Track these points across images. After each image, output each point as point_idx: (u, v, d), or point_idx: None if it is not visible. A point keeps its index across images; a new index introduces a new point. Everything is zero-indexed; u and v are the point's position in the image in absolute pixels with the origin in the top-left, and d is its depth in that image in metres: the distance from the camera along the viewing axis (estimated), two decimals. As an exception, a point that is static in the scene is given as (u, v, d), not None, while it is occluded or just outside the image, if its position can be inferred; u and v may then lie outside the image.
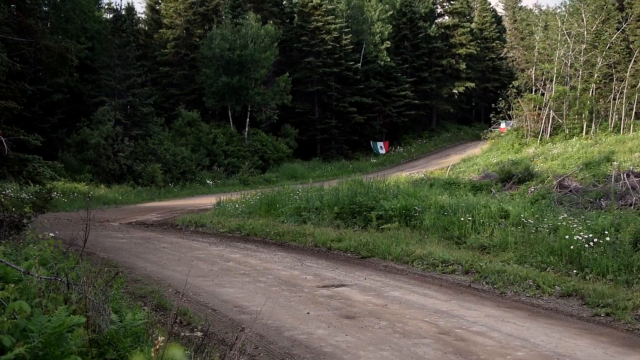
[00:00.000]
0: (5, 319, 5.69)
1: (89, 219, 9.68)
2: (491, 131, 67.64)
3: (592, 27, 58.82)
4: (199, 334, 11.79)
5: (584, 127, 56.08)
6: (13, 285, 6.49)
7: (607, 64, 57.90)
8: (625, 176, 29.25)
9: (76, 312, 6.73)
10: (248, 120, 71.09)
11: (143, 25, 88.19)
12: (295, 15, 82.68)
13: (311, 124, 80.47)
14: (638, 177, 28.81)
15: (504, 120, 67.10)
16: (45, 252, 9.76)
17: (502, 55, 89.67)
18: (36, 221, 17.58)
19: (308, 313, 13.77)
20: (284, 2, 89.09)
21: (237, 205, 33.55)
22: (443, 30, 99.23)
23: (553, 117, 58.00)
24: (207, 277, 17.61)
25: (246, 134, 70.82)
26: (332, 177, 39.59)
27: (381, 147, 78.80)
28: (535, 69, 61.53)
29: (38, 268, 8.35)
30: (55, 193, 17.62)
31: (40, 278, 7.44)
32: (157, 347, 5.66)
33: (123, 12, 71.14)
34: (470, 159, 57.94)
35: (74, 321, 5.93)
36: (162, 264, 20.06)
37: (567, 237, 18.39)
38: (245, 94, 68.81)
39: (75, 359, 5.61)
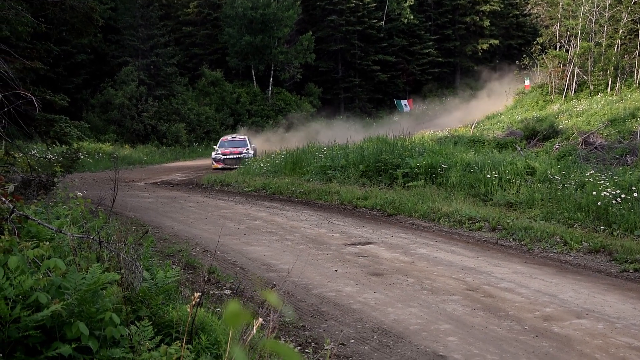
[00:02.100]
0: (41, 276, 5.73)
1: (117, 178, 9.70)
2: (516, 88, 67.37)
3: (617, -18, 58.28)
4: (228, 291, 11.86)
5: (609, 83, 55.55)
6: (48, 243, 6.52)
7: (632, 20, 57.25)
8: (651, 132, 29.11)
9: (109, 270, 6.76)
10: (271, 79, 71.00)
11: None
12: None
13: (335, 82, 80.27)
14: (664, 133, 28.66)
15: (528, 77, 66.61)
16: (75, 211, 9.80)
17: (525, 11, 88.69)
18: (64, 181, 17.64)
19: (336, 271, 13.81)
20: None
21: (262, 165, 33.58)
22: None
23: (577, 74, 57.49)
24: (235, 236, 17.66)
25: (270, 93, 70.76)
26: (357, 135, 39.40)
27: (405, 105, 78.38)
28: (559, 25, 60.93)
29: (70, 227, 8.39)
30: (80, 153, 17.71)
31: (73, 236, 7.47)
32: (194, 302, 5.69)
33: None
34: (495, 116, 57.58)
35: (108, 278, 5.96)
36: (189, 222, 20.14)
37: (594, 193, 18.31)
38: (269, 53, 68.64)
39: (111, 316, 5.64)
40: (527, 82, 65.99)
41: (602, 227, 16.91)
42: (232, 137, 49.05)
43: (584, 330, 10.05)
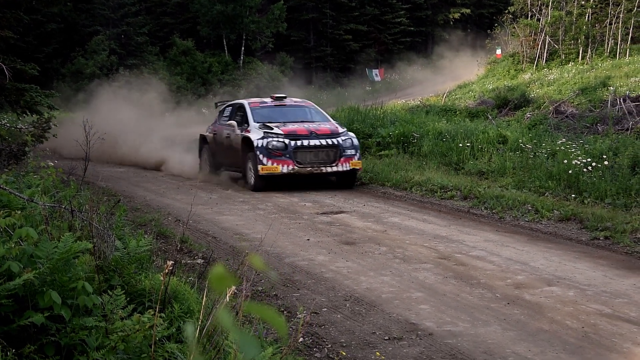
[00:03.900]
0: (13, 245, 5.71)
1: (89, 148, 9.65)
2: (487, 57, 67.37)
3: (588, -50, 58.30)
4: (200, 261, 11.88)
5: (580, 52, 55.64)
6: (19, 212, 6.51)
7: (603, -12, 57.51)
8: (621, 101, 29.12)
9: (81, 239, 6.75)
10: (243, 48, 70.71)
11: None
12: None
13: (306, 51, 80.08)
14: (634, 102, 28.69)
15: (499, 47, 66.65)
16: (46, 180, 9.78)
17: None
18: (35, 151, 17.58)
19: (308, 240, 13.86)
20: None
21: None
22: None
23: (549, 43, 57.51)
24: (207, 205, 17.66)
25: (241, 62, 70.50)
26: (329, 105, 39.29)
27: (376, 74, 78.16)
28: (531, -6, 61.07)
29: (41, 196, 8.37)
30: (52, 123, 17.50)
31: (44, 206, 7.44)
32: (166, 270, 5.69)
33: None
34: (466, 85, 57.53)
35: (81, 247, 5.95)
36: (160, 192, 20.12)
37: (565, 161, 18.43)
38: (240, 22, 68.31)
39: (83, 284, 5.63)
40: (498, 52, 66.02)
41: (573, 196, 17.01)
42: (277, 101, 23.48)
43: (555, 298, 10.13)
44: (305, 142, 20.30)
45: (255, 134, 20.55)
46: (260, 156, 19.81)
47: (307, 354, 8.22)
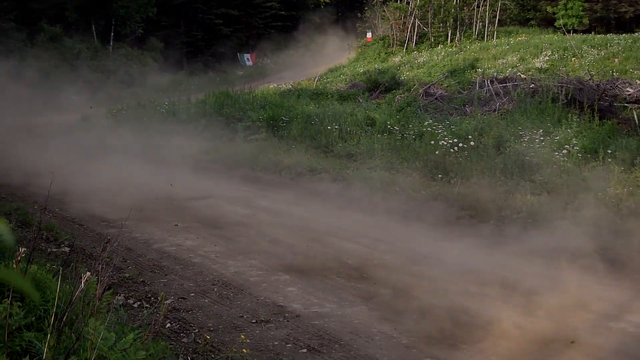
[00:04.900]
0: None
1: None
2: (358, 41, 67.80)
3: None
4: (67, 249, 11.64)
5: (449, 35, 56.51)
6: None
7: (470, -28, 58.42)
8: (489, 82, 29.62)
9: None
10: (112, 34, 69.65)
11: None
12: None
13: (177, 37, 79.24)
14: (501, 84, 29.20)
15: (369, 30, 67.15)
16: None
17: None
18: None
19: (176, 225, 13.75)
20: None
21: (103, 120, 32.90)
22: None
23: (418, 26, 58.25)
24: (72, 192, 17.30)
25: (111, 48, 69.44)
26: (199, 90, 39.07)
27: (248, 59, 78.05)
28: (399, -23, 61.67)
29: None
30: None
31: None
32: (19, 258, 5.54)
33: None
34: (337, 69, 57.85)
35: None
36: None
37: (432, 142, 18.66)
38: (109, 7, 67.28)
39: None
40: (369, 35, 66.59)
41: (440, 176, 17.25)
42: None
43: (421, 276, 10.28)
44: None
45: None
46: None
47: (174, 339, 8.15)
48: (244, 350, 7.41)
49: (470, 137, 18.87)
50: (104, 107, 38.80)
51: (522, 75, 31.94)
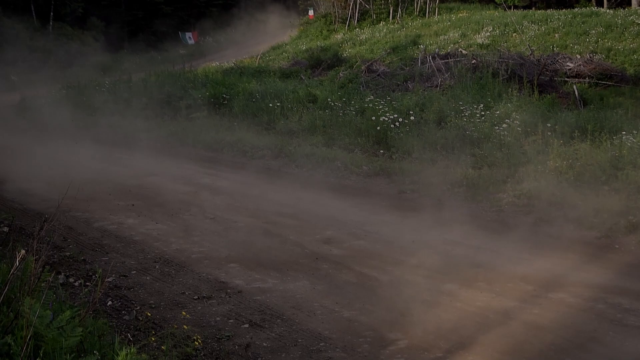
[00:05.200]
0: None
1: None
2: (300, 18, 67.71)
3: None
4: (6, 229, 11.54)
5: (391, 12, 56.63)
6: None
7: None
8: (431, 59, 29.71)
9: None
10: (52, 14, 68.88)
11: None
12: None
13: (118, 16, 78.55)
14: (443, 59, 29.29)
15: (311, 8, 67.06)
16: None
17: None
18: None
19: (118, 204, 13.64)
20: None
21: (43, 101, 32.50)
22: None
23: (360, 3, 58.28)
24: (12, 173, 17.10)
25: (51, 28, 68.66)
26: (141, 69, 38.78)
27: (190, 37, 77.55)
28: (341, -46, 61.54)
29: None
30: None
31: None
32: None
33: None
34: (280, 47, 57.76)
35: None
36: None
37: (373, 118, 18.68)
38: (48, -15, 66.57)
39: None
40: (311, 13, 66.55)
41: (381, 151, 17.32)
42: None
43: (362, 251, 10.34)
44: None
45: None
46: None
47: (116, 317, 8.13)
48: (185, 326, 7.40)
49: (411, 112, 18.94)
50: (44, 88, 38.37)
51: (464, 51, 32.11)
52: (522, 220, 11.96)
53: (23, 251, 5.31)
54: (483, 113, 18.53)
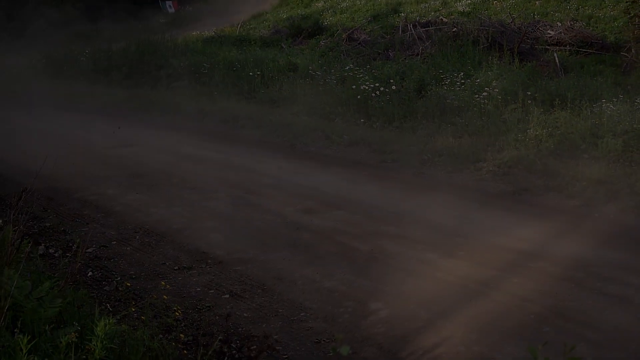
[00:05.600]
0: None
1: None
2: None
3: None
4: (-16, 200, 11.50)
5: (371, -21, 56.54)
6: None
7: None
8: (411, 27, 29.63)
9: None
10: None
11: None
12: None
13: (97, -17, 78.19)
14: (424, 28, 29.19)
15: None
16: None
17: None
18: None
19: (98, 175, 13.57)
20: None
21: (22, 71, 32.22)
22: None
23: (341, -30, 58.14)
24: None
25: (23, 0, 68.21)
26: (121, 39, 38.49)
27: (170, 5, 76.95)
28: None
29: None
30: None
31: None
32: None
33: None
34: (261, 15, 57.41)
35: None
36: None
37: (354, 87, 18.62)
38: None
39: None
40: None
41: (362, 120, 17.27)
42: None
43: (343, 221, 10.36)
44: None
45: None
46: None
47: (96, 288, 8.13)
48: (164, 296, 7.39)
49: (392, 81, 18.87)
50: (23, 58, 38.08)
51: (445, 19, 32.02)
52: (503, 189, 12.00)
53: (0, 221, 5.29)
54: (463, 81, 18.51)
